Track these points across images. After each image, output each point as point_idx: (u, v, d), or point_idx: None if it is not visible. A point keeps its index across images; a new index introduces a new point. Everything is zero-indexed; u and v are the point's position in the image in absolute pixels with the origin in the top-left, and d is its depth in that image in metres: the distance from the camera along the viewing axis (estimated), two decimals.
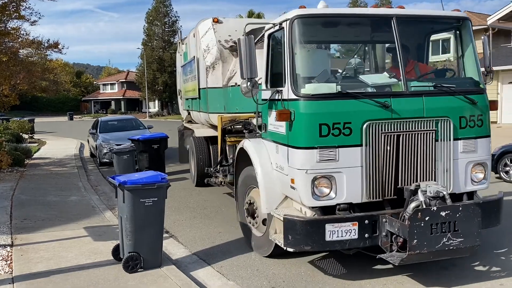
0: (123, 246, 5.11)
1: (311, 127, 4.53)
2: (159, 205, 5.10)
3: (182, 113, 12.41)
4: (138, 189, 4.95)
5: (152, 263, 5.09)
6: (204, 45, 8.71)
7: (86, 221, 7.28)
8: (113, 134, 14.80)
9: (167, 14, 59.25)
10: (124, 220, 5.00)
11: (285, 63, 4.82)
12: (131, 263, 4.97)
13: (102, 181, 11.57)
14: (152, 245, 5.11)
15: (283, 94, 4.85)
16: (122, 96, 71.42)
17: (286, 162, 4.82)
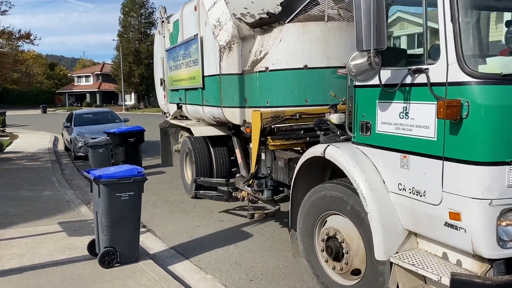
0: (98, 241, 5.04)
1: (502, 129, 2.90)
2: (135, 199, 5.04)
3: (163, 107, 10.61)
4: (113, 183, 4.87)
5: (129, 258, 5.04)
6: (213, 19, 6.80)
7: (60, 216, 7.16)
8: (88, 127, 14.61)
9: (143, 5, 58.30)
10: (100, 214, 4.92)
11: (444, 24, 3.04)
12: (107, 258, 4.90)
13: (77, 175, 11.38)
14: (128, 240, 5.05)
15: (431, 74, 3.13)
16: (98, 89, 70.16)
17: (436, 184, 3.14)
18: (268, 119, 5.34)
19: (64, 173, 11.81)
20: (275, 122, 5.32)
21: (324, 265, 4.19)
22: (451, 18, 2.97)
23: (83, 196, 8.89)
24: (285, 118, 5.36)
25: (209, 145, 7.87)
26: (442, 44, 3.05)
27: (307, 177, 4.55)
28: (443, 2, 3.02)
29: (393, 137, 3.51)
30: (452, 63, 2.98)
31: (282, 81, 5.56)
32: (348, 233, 3.86)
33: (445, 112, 2.93)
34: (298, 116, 5.32)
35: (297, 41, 5.52)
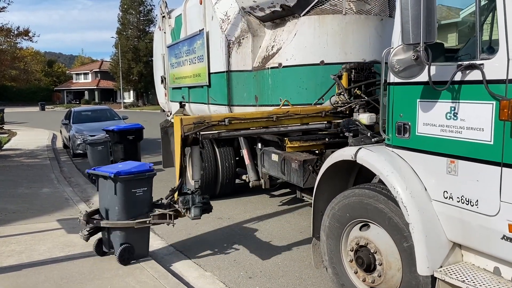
0: (108, 240, 5.03)
1: None
2: (148, 194, 5.09)
3: (164, 106, 10.36)
4: (131, 179, 4.91)
5: (142, 253, 5.11)
6: (220, 13, 6.62)
7: (59, 213, 7.13)
8: (87, 124, 14.57)
9: (142, 3, 58.13)
10: (115, 212, 4.94)
11: (504, 13, 2.71)
12: (126, 255, 4.93)
13: (75, 173, 11.34)
14: (141, 235, 5.08)
15: (486, 70, 2.81)
16: (96, 86, 70.00)
17: (493, 193, 2.84)
18: (190, 126, 4.56)
19: (63, 170, 11.76)
20: (198, 129, 4.58)
21: (352, 276, 3.86)
22: None
23: (81, 193, 8.87)
24: (210, 124, 4.62)
25: (214, 146, 7.63)
26: (502, 37, 2.70)
27: (330, 181, 4.23)
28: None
29: (438, 140, 3.16)
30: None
31: (297, 77, 5.33)
32: (381, 243, 3.52)
33: (510, 113, 2.60)
34: (228, 122, 4.63)
35: (313, 35, 5.27)
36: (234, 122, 4.66)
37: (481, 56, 2.89)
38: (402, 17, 2.90)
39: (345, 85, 4.85)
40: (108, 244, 5.09)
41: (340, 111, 4.76)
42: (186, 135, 4.57)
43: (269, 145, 6.31)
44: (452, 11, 4.67)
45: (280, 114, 4.74)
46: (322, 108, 4.89)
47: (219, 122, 4.63)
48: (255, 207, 7.42)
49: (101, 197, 5.15)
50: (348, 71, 4.77)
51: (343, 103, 4.81)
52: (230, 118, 4.64)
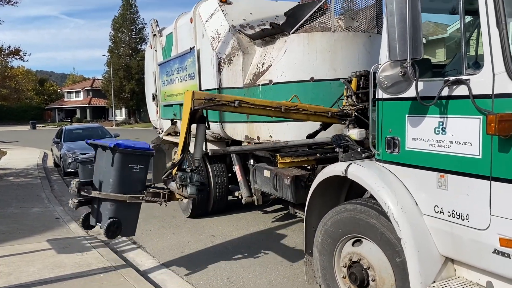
0: (97, 212, 4.97)
1: None
2: (143, 173, 5.04)
3: (155, 123, 10.37)
4: (130, 153, 4.88)
5: (129, 232, 5.09)
6: (211, 32, 6.69)
7: (49, 233, 7.02)
8: (78, 143, 14.46)
9: (134, 21, 58.58)
10: (108, 184, 4.86)
11: (488, 29, 2.76)
12: (113, 228, 4.85)
13: (66, 192, 11.21)
14: (131, 213, 5.04)
15: (473, 85, 2.84)
16: (88, 104, 69.88)
17: (483, 207, 2.85)
18: (200, 101, 4.56)
19: (54, 189, 11.65)
20: (208, 105, 4.56)
21: None
22: (496, 23, 2.69)
23: (72, 212, 8.75)
24: (221, 102, 4.60)
25: (206, 162, 7.55)
26: (486, 52, 2.74)
27: (322, 197, 4.22)
28: (486, 6, 2.75)
29: (428, 155, 3.17)
30: (500, 73, 2.68)
31: (288, 94, 5.32)
32: (374, 259, 3.50)
33: (497, 127, 2.60)
34: (237, 104, 4.59)
35: (303, 52, 5.36)
36: (244, 105, 4.63)
37: (467, 71, 2.92)
38: (389, 34, 2.94)
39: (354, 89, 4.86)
40: (96, 217, 4.99)
41: (345, 113, 4.74)
42: (195, 109, 4.55)
43: (261, 161, 6.32)
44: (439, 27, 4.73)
45: (289, 107, 4.73)
46: (329, 109, 4.90)
47: (229, 103, 4.60)
48: (248, 224, 7.38)
49: (97, 169, 5.10)
50: (358, 77, 4.80)
51: (350, 105, 4.82)
52: (240, 101, 4.62)
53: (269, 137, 5.74)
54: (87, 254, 5.87)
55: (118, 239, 6.71)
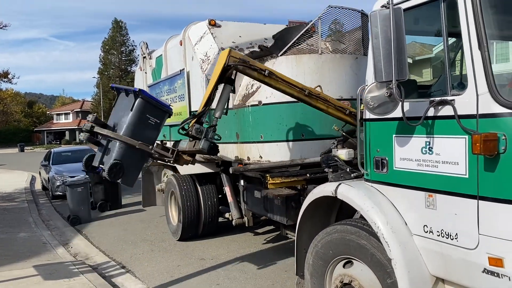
0: (103, 153, 4.79)
1: None
2: (156, 130, 4.96)
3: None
4: (150, 102, 4.84)
5: (129, 181, 4.90)
6: (200, 54, 6.77)
7: (36, 258, 6.88)
8: (67, 165, 14.36)
9: (124, 43, 58.92)
10: (123, 128, 4.72)
11: (471, 52, 2.82)
12: (115, 170, 4.59)
13: (54, 215, 11.06)
14: (135, 164, 4.90)
15: (458, 105, 2.88)
16: (77, 126, 69.34)
17: (471, 226, 2.84)
18: (235, 59, 4.69)
19: (41, 213, 11.46)
20: (241, 64, 4.67)
21: None
22: (478, 45, 2.76)
23: (60, 237, 8.61)
24: (253, 67, 4.71)
25: (196, 184, 7.48)
26: (470, 73, 2.80)
27: (312, 218, 4.19)
28: (468, 29, 2.82)
29: (415, 175, 3.18)
30: (483, 93, 2.73)
31: (277, 115, 5.40)
32: (365, 280, 3.45)
33: (482, 147, 2.63)
34: (267, 73, 4.68)
35: (291, 74, 5.33)
36: (273, 77, 4.74)
37: (451, 92, 2.97)
38: (374, 56, 2.98)
39: None
40: (100, 158, 4.83)
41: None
42: (228, 65, 4.66)
43: (251, 182, 6.29)
44: (425, 47, 4.80)
45: (313, 92, 4.80)
46: (348, 107, 4.91)
47: (260, 69, 4.73)
48: (239, 246, 7.31)
49: (114, 113, 5.04)
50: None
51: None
52: (270, 71, 4.74)
53: (259, 158, 5.74)
54: (74, 279, 5.75)
55: (106, 264, 6.62)
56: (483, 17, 2.77)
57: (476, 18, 2.78)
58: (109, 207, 11.31)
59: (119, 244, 7.95)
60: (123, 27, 59.10)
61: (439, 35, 3.16)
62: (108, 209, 11.23)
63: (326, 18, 5.52)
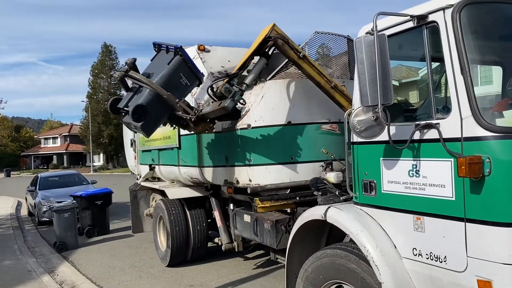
0: (130, 98, 4.85)
1: None
2: (185, 92, 5.14)
3: (133, 169, 10.22)
4: (187, 63, 5.04)
5: (148, 129, 5.00)
6: None
7: (20, 287, 6.70)
8: (54, 190, 14.19)
9: (113, 67, 59.02)
10: (157, 77, 4.85)
11: (453, 76, 2.92)
12: (140, 111, 4.66)
13: (40, 242, 10.83)
14: (158, 113, 5.00)
15: (442, 129, 2.95)
16: (65, 150, 68.90)
17: (459, 249, 2.86)
18: (277, 33, 4.97)
19: (27, 240, 11.21)
20: (281, 38, 4.96)
21: None
22: (460, 70, 2.85)
23: (46, 264, 8.41)
24: (290, 45, 5.01)
25: (185, 208, 7.41)
26: (453, 98, 2.87)
27: (302, 242, 4.18)
28: (450, 54, 2.91)
29: (403, 197, 3.21)
30: (467, 117, 2.80)
31: (266, 138, 5.44)
32: None
33: (467, 170, 2.68)
34: (302, 55, 5.03)
35: (280, 97, 5.47)
36: (306, 60, 5.08)
37: (436, 115, 3.04)
38: (360, 81, 3.05)
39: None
40: (127, 101, 4.87)
41: None
42: (269, 36, 4.93)
43: (241, 206, 6.26)
44: (411, 71, 4.87)
45: (338, 87, 5.07)
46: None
47: (296, 50, 5.05)
48: (228, 272, 7.20)
49: (150, 66, 5.14)
50: None
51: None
52: (304, 55, 5.08)
53: (249, 181, 5.73)
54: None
55: None
56: (465, 43, 2.87)
57: (457, 44, 2.88)
58: (97, 232, 11.12)
59: (107, 271, 7.79)
60: (112, 51, 59.42)
61: (423, 60, 3.25)
62: (95, 235, 11.04)
63: (313, 43, 5.64)
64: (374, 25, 2.97)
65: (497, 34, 3.32)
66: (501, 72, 3.66)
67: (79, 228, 10.86)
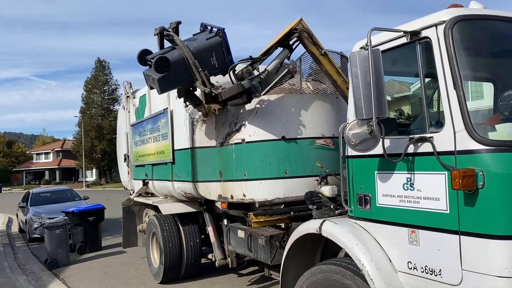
0: (156, 55, 4.95)
1: None
2: (210, 70, 5.22)
3: (126, 184, 10.15)
4: (223, 48, 5.27)
5: (164, 86, 5.08)
6: None
7: None
8: (46, 207, 14.05)
9: (106, 82, 59.06)
10: (192, 46, 5.05)
11: (446, 91, 2.96)
12: (163, 63, 4.80)
13: (30, 259, 10.66)
14: (180, 74, 5.13)
15: (436, 142, 2.98)
16: (58, 166, 68.31)
17: (454, 262, 2.86)
18: (304, 27, 5.21)
19: (17, 257, 11.03)
20: (306, 32, 5.19)
21: None
22: (453, 84, 2.89)
23: (36, 282, 8.26)
24: (314, 41, 5.22)
25: (178, 224, 7.35)
26: (447, 112, 2.92)
27: (297, 257, 4.16)
28: (443, 69, 2.96)
29: (398, 211, 3.22)
30: (460, 131, 2.84)
31: (260, 152, 5.43)
32: None
33: (461, 183, 2.70)
34: (323, 52, 5.28)
35: (274, 112, 5.51)
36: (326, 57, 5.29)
37: (430, 129, 3.08)
38: (355, 95, 3.10)
39: None
40: (153, 56, 4.98)
41: None
42: (295, 28, 5.16)
43: (235, 221, 6.21)
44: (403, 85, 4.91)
45: None
46: None
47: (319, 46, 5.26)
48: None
49: (190, 39, 5.26)
50: None
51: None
52: (326, 52, 5.30)
53: (243, 196, 5.70)
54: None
55: None
56: (457, 58, 2.92)
57: (450, 59, 2.93)
58: (89, 249, 10.98)
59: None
60: (106, 66, 59.45)
61: (416, 75, 3.29)
62: (87, 252, 10.90)
63: (307, 59, 5.68)
64: (368, 40, 3.02)
65: (488, 50, 3.40)
66: (492, 87, 3.71)
67: (71, 245, 10.73)
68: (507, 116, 3.22)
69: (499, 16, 3.18)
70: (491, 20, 3.17)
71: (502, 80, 3.66)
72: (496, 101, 3.48)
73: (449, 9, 3.09)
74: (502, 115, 3.25)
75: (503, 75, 3.63)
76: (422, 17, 3.19)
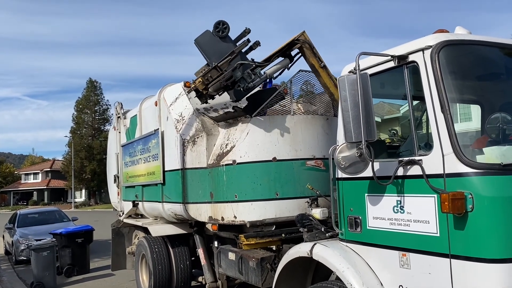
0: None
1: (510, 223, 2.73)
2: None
3: (116, 205, 10.01)
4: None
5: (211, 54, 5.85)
6: (175, 114, 6.84)
7: None
8: (33, 228, 13.86)
9: (98, 103, 58.94)
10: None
11: (434, 114, 3.00)
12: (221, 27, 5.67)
13: (16, 282, 10.43)
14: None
15: (425, 165, 3.00)
16: (46, 186, 67.43)
17: (445, 285, 2.85)
18: (305, 38, 5.37)
19: (2, 280, 10.77)
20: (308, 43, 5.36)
21: None
22: (441, 108, 2.93)
23: None
24: (314, 51, 5.41)
25: (168, 246, 7.25)
26: (435, 135, 2.95)
27: (288, 280, 4.13)
28: (430, 93, 3.00)
29: (389, 234, 3.21)
30: (448, 154, 2.86)
31: (251, 174, 5.44)
32: None
33: (450, 206, 2.71)
34: (323, 65, 5.38)
35: (265, 133, 5.52)
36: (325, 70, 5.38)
37: (419, 152, 3.12)
38: (344, 118, 3.13)
39: None
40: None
41: None
42: (297, 39, 5.31)
43: (226, 243, 6.15)
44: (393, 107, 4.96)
45: None
46: None
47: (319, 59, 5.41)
48: None
49: None
50: None
51: None
52: (325, 65, 5.42)
53: (234, 218, 5.67)
54: None
55: None
56: (444, 82, 2.97)
57: (437, 83, 2.99)
58: (76, 272, 10.78)
59: None
60: (97, 86, 59.47)
61: (404, 98, 3.34)
62: (75, 274, 10.70)
63: (298, 80, 5.76)
64: (356, 64, 3.07)
65: (474, 74, 3.46)
66: (479, 109, 3.77)
67: (58, 267, 10.52)
68: (494, 138, 3.25)
69: (484, 41, 3.25)
70: (475, 45, 3.25)
71: (488, 103, 3.74)
72: (484, 123, 3.55)
73: (435, 34, 3.16)
74: (489, 137, 3.29)
75: (488, 98, 3.71)
76: (409, 42, 3.27)
